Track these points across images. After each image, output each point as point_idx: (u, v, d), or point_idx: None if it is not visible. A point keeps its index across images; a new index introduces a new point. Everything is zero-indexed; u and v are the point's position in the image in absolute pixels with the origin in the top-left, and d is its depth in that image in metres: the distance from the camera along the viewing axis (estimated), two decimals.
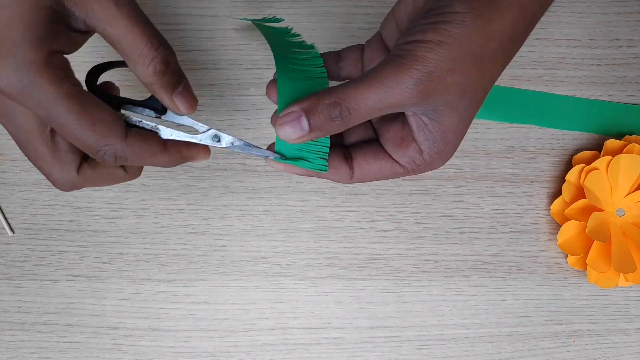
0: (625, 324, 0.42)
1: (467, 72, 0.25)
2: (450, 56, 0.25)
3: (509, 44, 0.26)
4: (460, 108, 0.27)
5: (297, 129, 0.26)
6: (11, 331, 0.41)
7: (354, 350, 0.41)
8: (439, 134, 0.27)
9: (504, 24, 0.25)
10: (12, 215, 0.41)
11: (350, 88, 0.26)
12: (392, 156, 0.29)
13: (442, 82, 0.25)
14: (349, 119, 0.26)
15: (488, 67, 0.26)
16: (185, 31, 0.41)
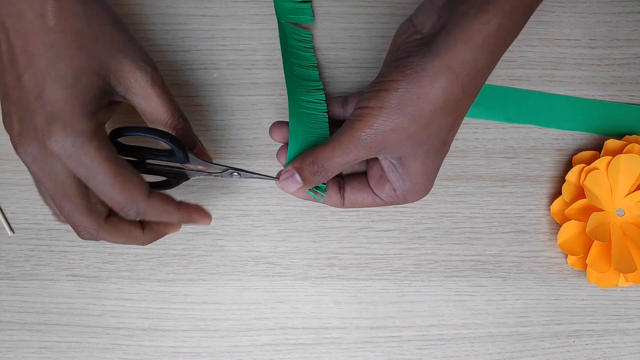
0: (625, 324, 0.42)
1: (409, 129, 0.30)
2: (389, 119, 0.30)
3: (449, 102, 0.30)
4: (419, 155, 0.32)
5: (294, 184, 0.33)
6: (11, 331, 0.41)
7: (354, 350, 0.41)
8: (407, 176, 0.33)
9: (435, 87, 0.29)
10: (12, 215, 0.41)
11: (322, 150, 0.32)
12: (374, 190, 0.35)
13: (388, 138, 0.31)
14: (325, 173, 0.33)
15: (433, 121, 0.31)
16: (185, 31, 0.41)
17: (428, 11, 0.31)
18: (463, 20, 0.29)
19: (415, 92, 0.30)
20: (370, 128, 0.31)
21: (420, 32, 0.31)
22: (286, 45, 0.39)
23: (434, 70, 0.29)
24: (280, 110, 0.41)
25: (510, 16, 0.29)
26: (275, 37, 0.41)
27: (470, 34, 0.29)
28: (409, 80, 0.30)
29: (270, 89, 0.41)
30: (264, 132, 0.41)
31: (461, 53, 0.29)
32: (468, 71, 0.29)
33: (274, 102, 0.41)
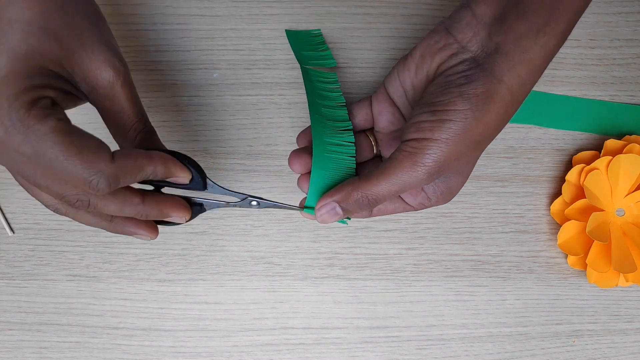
0: (625, 324, 0.42)
1: (471, 155, 0.31)
2: (455, 149, 0.29)
3: (504, 120, 0.30)
4: (465, 170, 0.33)
5: (332, 216, 0.32)
6: (11, 331, 0.41)
7: (354, 350, 0.41)
8: (446, 188, 0.33)
9: (499, 112, 0.29)
10: (12, 215, 0.41)
11: (374, 183, 0.31)
12: (404, 199, 0.34)
13: (450, 167, 0.30)
14: (375, 204, 0.32)
15: (486, 142, 0.31)
16: (186, 31, 0.41)
17: (473, 27, 0.29)
18: (522, 41, 0.28)
19: (482, 120, 0.29)
20: (434, 160, 0.29)
21: (468, 50, 0.29)
22: (312, 88, 0.37)
23: (499, 98, 0.28)
24: (280, 110, 0.41)
25: (564, 35, 0.29)
26: (275, 37, 0.41)
27: (530, 57, 0.28)
28: (476, 109, 0.28)
29: (270, 89, 0.41)
30: (264, 132, 0.41)
31: (522, 77, 0.28)
32: (524, 91, 0.29)
33: (274, 102, 0.41)
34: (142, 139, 0.30)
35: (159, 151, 0.30)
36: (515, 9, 0.28)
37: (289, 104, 0.41)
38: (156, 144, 0.31)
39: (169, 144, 0.40)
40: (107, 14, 0.40)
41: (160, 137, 0.32)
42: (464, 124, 0.29)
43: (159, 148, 0.31)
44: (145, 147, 0.30)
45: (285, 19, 0.41)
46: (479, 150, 0.31)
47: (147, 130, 0.31)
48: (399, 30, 0.41)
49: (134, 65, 0.41)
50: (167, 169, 0.30)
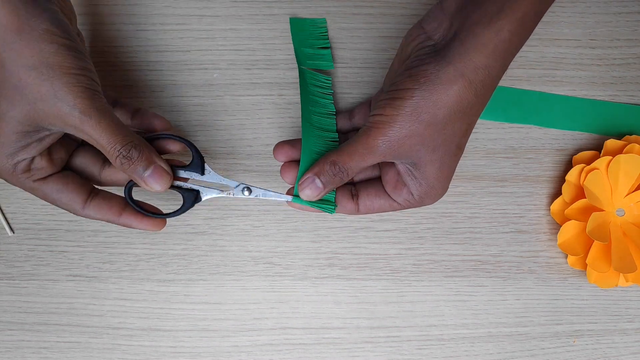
0: (625, 324, 0.42)
1: (424, 134, 0.31)
2: (404, 125, 0.31)
3: (462, 108, 0.31)
4: (435, 159, 0.33)
5: (314, 189, 0.34)
6: (11, 331, 0.41)
7: (354, 350, 0.41)
8: (424, 180, 0.34)
9: (450, 94, 0.30)
10: (12, 215, 0.41)
11: (339, 153, 0.33)
12: (390, 195, 0.36)
13: (403, 144, 0.32)
14: (346, 172, 0.34)
15: (447, 126, 0.31)
16: (185, 31, 0.41)
17: (439, 17, 0.32)
18: (476, 28, 0.29)
19: (430, 99, 0.30)
20: (385, 135, 0.32)
21: (431, 38, 0.32)
22: (306, 91, 0.39)
23: (447, 78, 0.30)
24: (280, 110, 0.41)
25: (521, 23, 0.30)
26: (275, 37, 0.41)
27: (483, 42, 0.29)
28: (424, 88, 0.30)
29: (270, 89, 0.41)
30: (264, 132, 0.41)
31: (474, 61, 0.30)
32: (481, 78, 0.30)
33: (274, 102, 0.41)
34: (124, 162, 0.32)
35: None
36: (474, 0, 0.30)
37: (289, 104, 0.41)
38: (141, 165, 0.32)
39: None
40: (107, 14, 0.41)
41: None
42: (411, 102, 0.31)
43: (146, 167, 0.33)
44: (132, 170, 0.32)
45: (285, 19, 0.41)
46: (435, 133, 0.31)
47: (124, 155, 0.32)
48: (399, 30, 0.41)
49: (134, 65, 0.41)
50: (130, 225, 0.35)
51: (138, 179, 0.33)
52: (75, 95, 0.30)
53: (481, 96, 0.31)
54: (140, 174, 0.32)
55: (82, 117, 0.30)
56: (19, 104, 0.30)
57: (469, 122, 0.32)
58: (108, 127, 0.31)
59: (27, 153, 0.31)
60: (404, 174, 0.34)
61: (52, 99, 0.30)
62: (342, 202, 0.36)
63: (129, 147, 0.31)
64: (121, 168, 0.32)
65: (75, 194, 0.34)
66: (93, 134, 0.31)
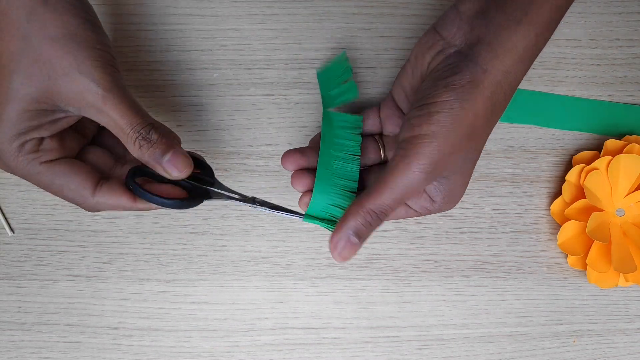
0: (625, 324, 0.42)
1: (464, 147, 0.30)
2: (447, 143, 0.29)
3: (493, 111, 0.30)
4: (464, 168, 0.32)
5: (351, 250, 0.31)
6: (11, 331, 0.41)
7: (354, 350, 0.41)
8: (448, 190, 0.32)
9: (485, 101, 0.29)
10: (12, 215, 0.41)
11: (377, 197, 0.30)
12: (407, 203, 0.33)
13: (446, 163, 0.30)
14: (383, 218, 0.31)
15: (481, 134, 0.31)
16: (185, 31, 0.41)
17: (457, 23, 0.30)
18: (503, 31, 0.29)
19: (469, 109, 0.29)
20: (428, 158, 0.29)
21: (452, 44, 0.30)
22: (331, 134, 0.36)
23: (483, 85, 0.29)
24: (280, 110, 0.41)
25: (547, 26, 0.29)
26: (275, 37, 0.41)
27: (512, 46, 0.29)
28: (462, 97, 0.29)
29: (270, 89, 0.41)
30: (264, 132, 0.41)
31: (505, 65, 0.29)
32: (509, 81, 0.29)
33: (274, 102, 0.41)
34: (142, 146, 0.30)
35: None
36: (495, 2, 0.29)
37: (289, 104, 0.41)
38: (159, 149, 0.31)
39: None
40: (108, 14, 0.40)
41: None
42: (451, 114, 0.29)
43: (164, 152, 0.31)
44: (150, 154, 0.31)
45: (285, 19, 0.41)
46: (472, 142, 0.30)
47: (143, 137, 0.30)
48: (399, 30, 0.41)
49: (134, 65, 0.41)
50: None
51: (156, 164, 0.31)
52: (98, 71, 0.29)
53: (507, 100, 0.30)
54: (159, 158, 0.30)
55: (104, 93, 0.29)
56: (36, 79, 0.29)
57: (493, 125, 0.31)
58: (131, 106, 0.30)
59: (38, 133, 0.30)
60: (429, 186, 0.33)
61: (74, 72, 0.29)
62: None
63: (149, 128, 0.30)
64: (139, 152, 0.30)
65: (85, 177, 0.32)
66: (113, 113, 0.29)
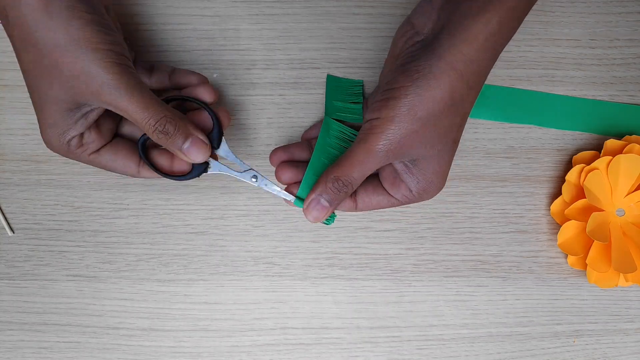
0: (625, 324, 0.42)
1: (422, 131, 0.31)
2: (401, 126, 0.31)
3: (455, 101, 0.31)
4: (433, 155, 0.33)
5: (321, 210, 0.34)
6: (11, 331, 0.41)
7: (354, 350, 0.41)
8: (422, 176, 0.33)
9: (443, 88, 0.30)
10: (12, 215, 0.41)
11: (340, 166, 0.33)
12: (388, 192, 0.35)
13: (403, 145, 0.31)
14: (350, 185, 0.33)
15: (442, 120, 0.31)
16: (185, 31, 0.41)
17: (427, 12, 0.32)
18: (465, 20, 0.29)
19: (424, 95, 0.30)
20: (384, 139, 0.31)
21: (420, 33, 0.32)
22: (325, 143, 0.37)
23: (439, 72, 0.30)
24: (280, 110, 0.41)
25: (511, 14, 0.29)
26: (275, 37, 0.41)
27: (472, 34, 0.29)
28: (417, 84, 0.30)
29: (270, 89, 0.41)
30: (264, 132, 0.41)
31: (465, 53, 0.29)
32: (472, 70, 0.30)
33: (273, 102, 0.41)
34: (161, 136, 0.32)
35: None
36: None
37: (289, 104, 0.41)
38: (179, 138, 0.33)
39: None
40: None
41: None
42: (406, 99, 0.30)
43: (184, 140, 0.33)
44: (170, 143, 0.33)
45: (285, 19, 0.41)
46: (433, 128, 0.31)
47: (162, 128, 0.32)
48: None
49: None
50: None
51: (177, 151, 0.33)
52: (105, 72, 0.30)
53: (473, 88, 0.31)
54: (180, 146, 0.33)
55: (114, 93, 0.30)
56: (56, 83, 0.30)
57: (462, 115, 0.32)
58: (140, 102, 0.31)
59: (75, 130, 0.32)
60: (401, 172, 0.34)
61: (85, 76, 0.30)
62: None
63: (163, 121, 0.32)
64: (159, 142, 0.32)
65: (128, 159, 0.35)
66: (127, 110, 0.31)
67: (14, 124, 0.41)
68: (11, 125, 0.41)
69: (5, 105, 0.41)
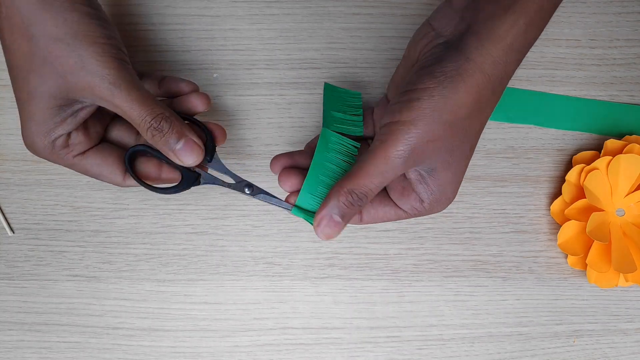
0: (625, 324, 0.42)
1: (445, 136, 0.29)
2: (425, 129, 0.29)
3: (479, 104, 0.29)
4: (452, 162, 0.31)
5: (334, 227, 0.31)
6: (11, 331, 0.41)
7: (354, 350, 0.41)
8: (436, 187, 0.31)
9: (470, 91, 0.28)
10: (12, 215, 0.41)
11: (355, 177, 0.30)
12: (396, 203, 0.33)
13: (425, 151, 0.29)
14: (366, 198, 0.31)
15: (465, 126, 0.30)
16: (185, 31, 0.41)
17: (448, 14, 0.30)
18: (490, 21, 0.28)
19: (450, 97, 0.28)
20: (405, 144, 0.29)
21: (442, 35, 0.30)
22: (323, 156, 0.34)
23: (467, 74, 0.28)
24: (280, 110, 0.41)
25: (538, 15, 0.29)
26: (275, 37, 0.41)
27: (500, 35, 0.28)
28: (444, 86, 0.28)
29: (270, 89, 0.41)
30: (264, 132, 0.41)
31: (493, 55, 0.28)
32: (498, 73, 0.29)
33: (273, 102, 0.41)
34: (155, 135, 0.31)
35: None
36: None
37: (289, 104, 0.41)
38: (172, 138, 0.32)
39: None
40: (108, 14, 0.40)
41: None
42: (430, 101, 0.28)
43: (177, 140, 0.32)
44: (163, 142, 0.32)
45: (285, 19, 0.41)
46: (455, 134, 0.29)
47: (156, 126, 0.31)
48: (399, 30, 0.41)
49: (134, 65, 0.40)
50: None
51: (169, 151, 0.32)
52: (103, 66, 0.29)
53: (497, 92, 0.29)
54: (172, 146, 0.32)
55: (111, 88, 0.30)
56: (49, 77, 0.29)
57: (482, 122, 0.31)
58: (138, 98, 0.30)
59: (63, 129, 0.31)
60: (414, 181, 0.32)
61: (80, 70, 0.29)
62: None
63: (159, 119, 0.31)
64: (152, 140, 0.31)
65: (115, 166, 0.34)
66: (123, 106, 0.30)
67: (14, 124, 0.41)
68: (11, 125, 0.41)
69: (6, 105, 0.41)
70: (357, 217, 0.34)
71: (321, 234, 0.31)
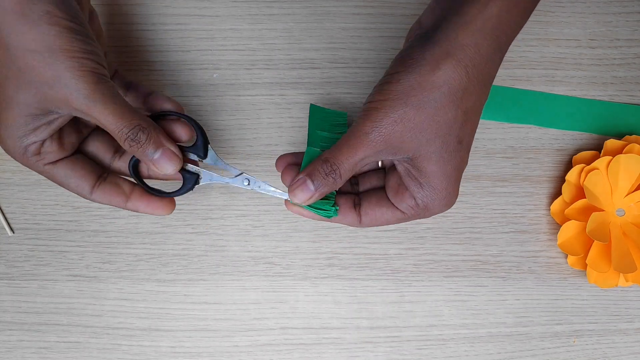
0: (625, 324, 0.42)
1: (414, 119, 0.30)
2: (392, 110, 0.30)
3: (453, 90, 0.29)
4: (432, 154, 0.31)
5: (305, 191, 0.32)
6: (11, 331, 0.41)
7: (354, 350, 0.41)
8: (423, 179, 0.32)
9: (437, 74, 0.29)
10: (12, 215, 0.41)
11: (331, 151, 0.32)
12: (393, 203, 0.34)
13: (393, 131, 0.30)
14: (338, 173, 0.32)
15: (438, 113, 0.30)
16: (185, 31, 0.41)
17: (431, 7, 0.32)
18: (461, 7, 0.29)
19: (416, 80, 0.29)
20: (374, 122, 0.30)
21: (423, 27, 0.31)
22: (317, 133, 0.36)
23: (433, 58, 0.29)
24: (280, 110, 0.41)
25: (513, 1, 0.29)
26: (275, 37, 0.41)
27: (467, 18, 0.29)
28: (409, 70, 0.30)
29: (270, 89, 0.41)
30: (264, 132, 0.41)
31: (460, 39, 0.29)
32: (470, 57, 0.29)
33: (273, 102, 0.41)
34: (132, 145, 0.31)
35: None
36: None
37: (289, 104, 0.41)
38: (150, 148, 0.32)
39: None
40: (107, 14, 0.41)
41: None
42: (397, 84, 0.30)
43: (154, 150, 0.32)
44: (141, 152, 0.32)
45: (285, 19, 0.41)
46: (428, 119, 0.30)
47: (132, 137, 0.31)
48: (399, 30, 0.41)
49: (134, 65, 0.41)
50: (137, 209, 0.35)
51: (148, 161, 0.32)
52: (79, 80, 0.29)
53: (474, 79, 0.30)
54: (150, 156, 0.32)
55: (87, 102, 0.30)
56: (25, 87, 0.30)
57: (465, 110, 0.30)
58: (114, 111, 0.30)
59: (36, 136, 0.31)
60: (403, 175, 0.33)
61: (56, 83, 0.29)
62: (343, 212, 0.34)
63: (136, 130, 0.31)
64: (130, 151, 0.32)
65: (84, 179, 0.34)
66: (100, 118, 0.30)
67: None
68: None
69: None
70: (356, 218, 0.34)
71: (293, 195, 0.33)
